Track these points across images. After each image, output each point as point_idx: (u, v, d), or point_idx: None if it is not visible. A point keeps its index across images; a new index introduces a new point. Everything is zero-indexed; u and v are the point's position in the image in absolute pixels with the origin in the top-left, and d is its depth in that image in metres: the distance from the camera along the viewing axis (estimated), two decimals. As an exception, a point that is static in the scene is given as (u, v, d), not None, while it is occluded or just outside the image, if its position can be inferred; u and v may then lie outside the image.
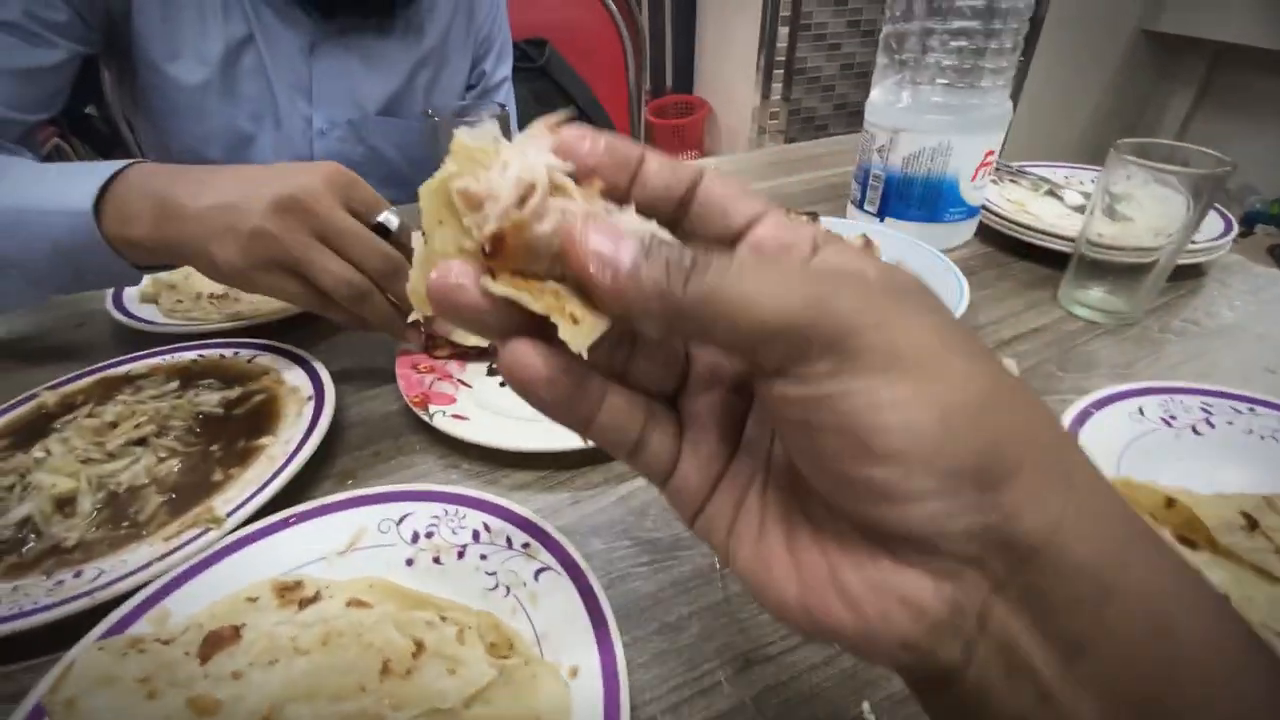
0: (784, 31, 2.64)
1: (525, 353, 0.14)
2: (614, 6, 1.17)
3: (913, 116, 0.52)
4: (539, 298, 0.13)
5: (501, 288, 0.13)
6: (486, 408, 0.37)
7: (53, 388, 0.38)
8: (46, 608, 0.25)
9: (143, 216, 0.35)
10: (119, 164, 0.36)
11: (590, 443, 0.17)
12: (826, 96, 3.51)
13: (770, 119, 2.85)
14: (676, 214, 0.16)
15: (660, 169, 0.15)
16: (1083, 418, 0.33)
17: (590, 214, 0.13)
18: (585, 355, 0.13)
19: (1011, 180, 0.65)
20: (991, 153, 0.53)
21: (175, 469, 0.32)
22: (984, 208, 0.57)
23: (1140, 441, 0.32)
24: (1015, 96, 2.62)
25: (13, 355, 0.46)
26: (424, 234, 0.14)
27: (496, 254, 0.13)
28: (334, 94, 0.64)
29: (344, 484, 0.34)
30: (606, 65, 1.23)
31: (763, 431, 0.17)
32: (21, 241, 0.37)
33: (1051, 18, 2.48)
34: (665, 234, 0.14)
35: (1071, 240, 0.51)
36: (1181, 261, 0.48)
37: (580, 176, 0.14)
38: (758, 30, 2.66)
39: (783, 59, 2.71)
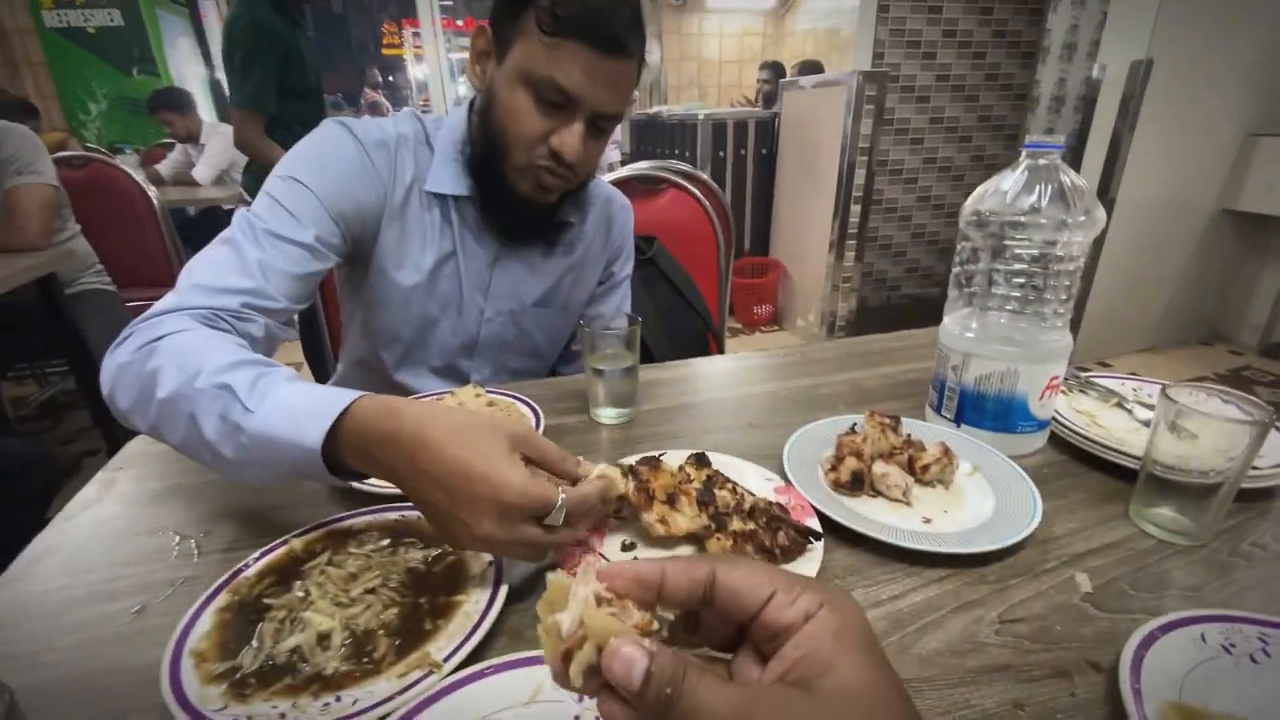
0: (857, 208, 2.87)
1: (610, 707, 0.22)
2: (711, 208, 1.39)
3: (981, 345, 0.61)
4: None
5: (571, 675, 0.22)
6: (624, 581, 0.46)
7: (298, 536, 0.50)
8: (323, 725, 0.34)
9: (384, 464, 0.43)
10: (343, 403, 0.44)
11: None
12: (898, 261, 3.71)
13: (844, 280, 3.02)
14: (704, 603, 0.23)
15: (677, 581, 0.23)
16: (1149, 641, 0.38)
17: (621, 636, 0.22)
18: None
19: (1080, 390, 0.71)
20: (1056, 378, 0.60)
21: (395, 615, 0.42)
22: (1054, 419, 0.64)
23: (1201, 668, 0.37)
24: (1089, 279, 2.64)
25: (255, 500, 0.59)
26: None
27: (567, 660, 0.23)
28: (503, 292, 0.83)
29: (515, 640, 0.42)
30: (701, 249, 1.43)
31: None
32: (267, 456, 0.46)
33: (1124, 199, 2.61)
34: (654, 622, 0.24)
35: (1139, 458, 0.56)
36: (1248, 485, 0.52)
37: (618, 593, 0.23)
38: (832, 203, 2.90)
39: (855, 230, 2.92)
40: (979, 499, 0.55)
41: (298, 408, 0.45)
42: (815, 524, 0.50)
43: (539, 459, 0.44)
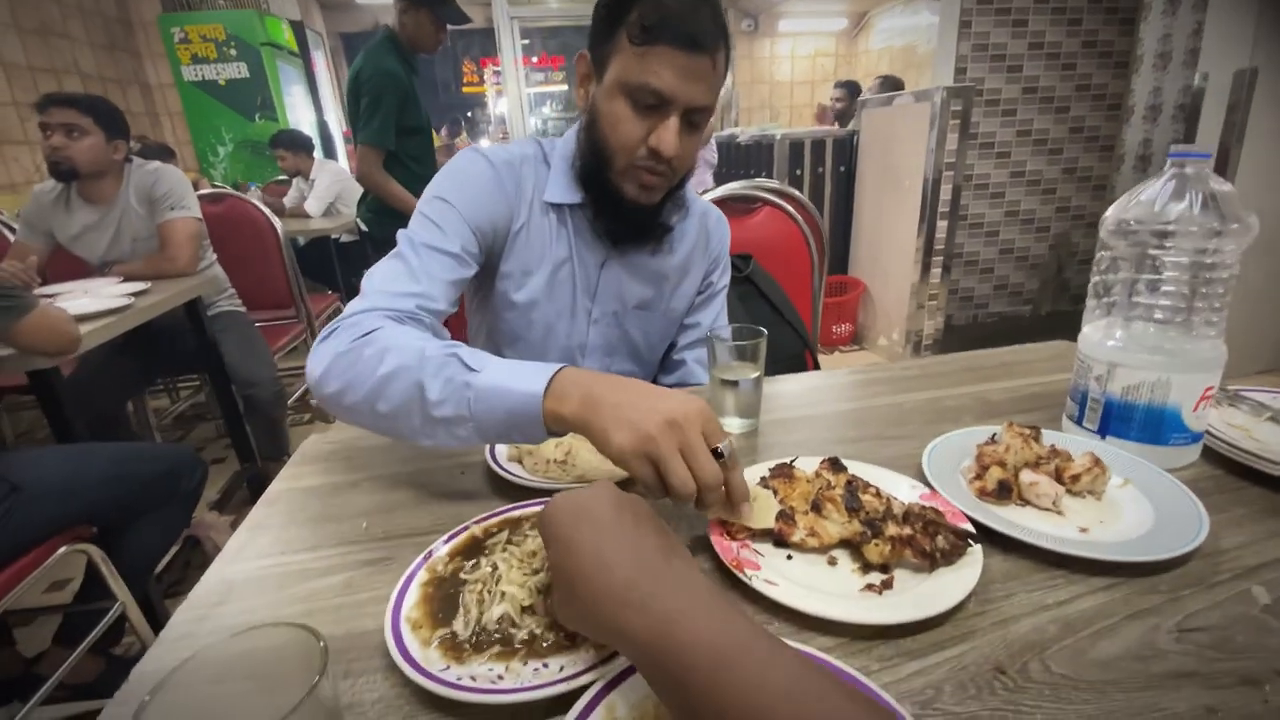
0: (942, 224, 2.81)
1: None
2: (804, 224, 1.41)
3: (1129, 354, 0.60)
4: None
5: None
6: (784, 575, 0.48)
7: (477, 523, 0.55)
8: (540, 686, 0.38)
9: (572, 398, 0.53)
10: (557, 366, 0.55)
11: None
12: (985, 278, 3.59)
13: (930, 299, 2.94)
14: None
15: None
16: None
17: None
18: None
19: (1230, 404, 0.69)
20: (1211, 388, 0.59)
21: (579, 597, 0.45)
22: (1208, 432, 0.62)
23: None
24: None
25: (426, 492, 0.65)
26: None
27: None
28: (609, 294, 0.90)
29: (688, 624, 0.45)
30: (795, 266, 1.45)
31: None
32: (489, 405, 0.55)
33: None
34: None
35: (1307, 472, 0.54)
36: None
37: None
38: (915, 220, 2.84)
39: (941, 246, 2.85)
40: (1136, 510, 0.54)
41: (518, 368, 0.57)
42: (969, 529, 0.50)
43: None
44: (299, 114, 4.44)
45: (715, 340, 0.73)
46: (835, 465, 0.58)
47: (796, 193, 1.44)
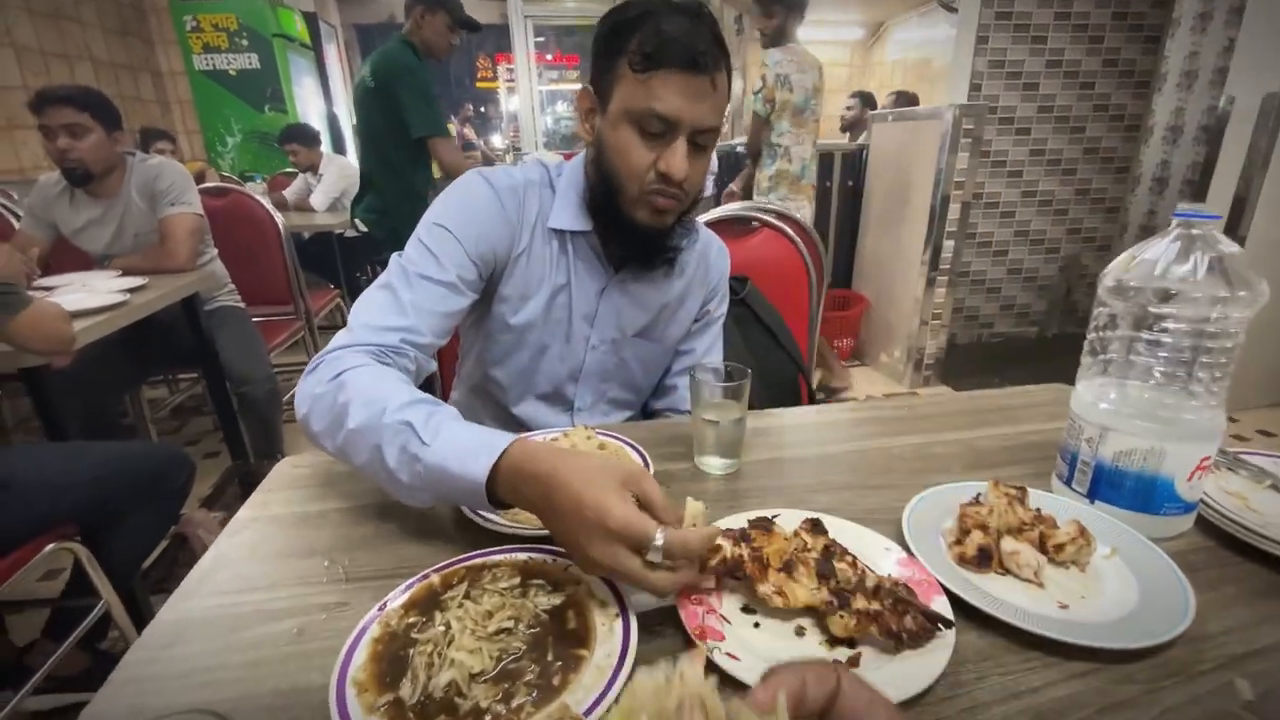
0: (949, 242, 2.78)
1: None
2: (804, 247, 1.39)
3: (1122, 419, 0.58)
4: None
5: None
6: (747, 647, 0.46)
7: (437, 571, 0.53)
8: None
9: (527, 498, 0.52)
10: (502, 445, 0.53)
11: None
12: (992, 297, 3.55)
13: (934, 317, 2.91)
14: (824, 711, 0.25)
15: (816, 689, 0.25)
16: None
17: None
18: None
19: (1229, 469, 0.66)
20: (1207, 458, 0.56)
21: (530, 659, 0.44)
22: (1203, 501, 0.60)
23: None
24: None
25: (393, 527, 0.63)
26: None
27: None
28: (608, 321, 0.88)
29: (644, 697, 0.43)
30: (792, 289, 1.43)
31: None
32: (437, 483, 0.55)
33: (1256, 238, 2.40)
34: None
35: (1305, 552, 0.52)
36: None
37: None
38: (922, 237, 2.81)
39: (948, 265, 2.82)
40: (1120, 586, 0.52)
41: (465, 447, 0.54)
42: (944, 603, 0.48)
43: (644, 501, 0.49)
44: (308, 106, 4.44)
45: (699, 379, 0.71)
46: (816, 528, 0.56)
47: (796, 215, 1.42)
